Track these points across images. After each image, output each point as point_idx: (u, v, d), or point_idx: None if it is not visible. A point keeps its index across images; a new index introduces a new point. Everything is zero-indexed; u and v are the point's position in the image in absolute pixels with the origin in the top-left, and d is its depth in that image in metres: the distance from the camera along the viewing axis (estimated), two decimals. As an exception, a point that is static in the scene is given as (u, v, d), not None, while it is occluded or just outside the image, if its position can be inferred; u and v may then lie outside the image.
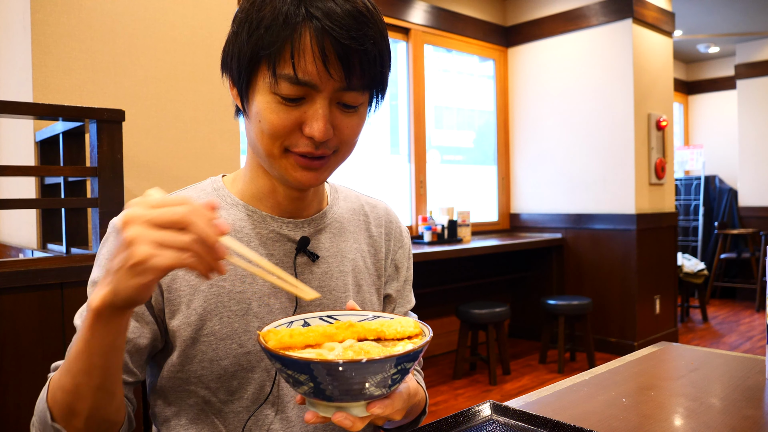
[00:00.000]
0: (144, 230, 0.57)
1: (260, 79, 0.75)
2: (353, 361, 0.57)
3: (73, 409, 0.68)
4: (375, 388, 0.60)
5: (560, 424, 0.81)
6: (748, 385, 1.05)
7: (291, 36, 0.71)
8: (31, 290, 1.52)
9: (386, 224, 1.01)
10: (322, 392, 0.60)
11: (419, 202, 4.40)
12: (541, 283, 4.76)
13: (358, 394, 0.60)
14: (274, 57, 0.72)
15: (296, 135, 0.76)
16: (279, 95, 0.74)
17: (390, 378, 0.61)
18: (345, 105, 0.77)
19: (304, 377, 0.59)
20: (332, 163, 0.81)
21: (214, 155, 2.44)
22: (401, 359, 0.59)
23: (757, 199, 6.52)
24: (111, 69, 2.19)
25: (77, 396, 0.67)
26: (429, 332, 0.67)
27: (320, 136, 0.74)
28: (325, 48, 0.71)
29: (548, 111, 4.80)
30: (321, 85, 0.73)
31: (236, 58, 0.77)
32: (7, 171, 1.61)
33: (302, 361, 0.58)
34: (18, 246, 2.31)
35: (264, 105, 0.76)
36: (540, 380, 3.85)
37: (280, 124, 0.75)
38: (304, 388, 0.61)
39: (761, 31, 6.25)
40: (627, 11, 4.28)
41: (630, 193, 4.31)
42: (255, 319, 0.83)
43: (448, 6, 4.54)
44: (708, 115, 7.57)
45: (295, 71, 0.72)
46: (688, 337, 4.97)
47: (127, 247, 0.58)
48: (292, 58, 0.72)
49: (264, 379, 0.83)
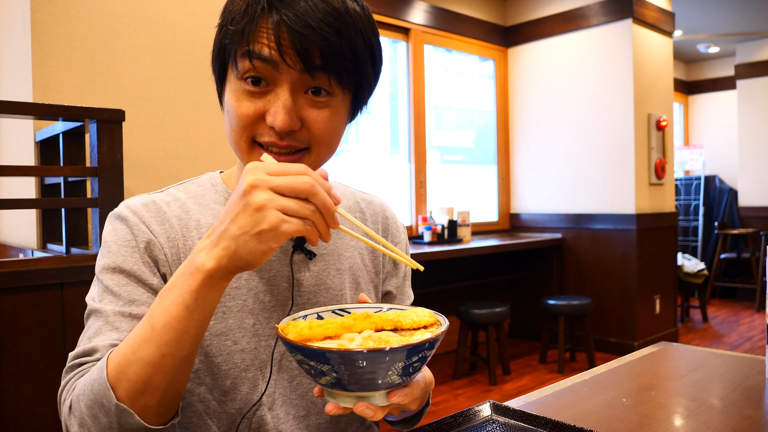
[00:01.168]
0: (272, 196, 0.59)
1: (230, 72, 0.77)
2: (377, 350, 0.58)
3: (151, 383, 0.64)
4: (397, 376, 0.62)
5: (560, 424, 0.81)
6: (748, 385, 1.05)
7: (252, 22, 0.73)
8: (31, 290, 1.52)
9: (383, 220, 1.01)
10: (344, 382, 0.61)
11: (419, 202, 4.40)
12: (541, 283, 4.76)
13: (379, 383, 0.61)
14: (238, 43, 0.74)
15: (261, 125, 0.76)
16: (243, 80, 0.75)
17: (411, 366, 0.62)
18: (314, 91, 0.75)
19: (327, 367, 0.60)
20: (306, 161, 0.79)
21: (214, 155, 2.44)
22: (421, 347, 0.61)
23: (757, 199, 6.52)
24: (111, 69, 2.19)
25: (160, 368, 0.64)
26: (445, 321, 0.68)
27: (282, 124, 0.73)
28: (280, 33, 0.72)
29: (548, 111, 4.80)
30: (280, 64, 0.73)
31: (215, 55, 0.80)
32: (7, 171, 1.61)
33: (326, 351, 0.59)
34: (18, 246, 2.31)
35: (231, 94, 0.77)
36: (540, 380, 3.85)
37: (244, 113, 0.76)
38: (326, 379, 0.61)
39: (761, 31, 6.25)
40: (627, 11, 4.28)
41: (630, 193, 4.31)
42: (250, 315, 0.83)
43: (448, 6, 4.54)
44: (708, 115, 7.57)
45: (249, 46, 0.73)
46: (688, 337, 4.97)
47: (256, 211, 0.59)
48: (250, 41, 0.73)
49: (257, 379, 0.83)
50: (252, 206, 0.59)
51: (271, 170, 0.61)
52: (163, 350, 0.63)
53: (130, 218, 0.81)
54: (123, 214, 0.82)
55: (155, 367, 0.63)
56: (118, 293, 0.76)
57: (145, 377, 0.63)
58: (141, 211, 0.82)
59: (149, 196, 0.86)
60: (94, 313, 0.76)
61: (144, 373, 0.63)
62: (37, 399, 1.54)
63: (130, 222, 0.81)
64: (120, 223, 0.82)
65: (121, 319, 0.74)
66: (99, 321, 0.75)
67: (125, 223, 0.81)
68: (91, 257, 1.67)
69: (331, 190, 0.63)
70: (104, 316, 0.75)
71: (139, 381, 0.64)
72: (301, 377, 0.86)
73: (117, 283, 0.77)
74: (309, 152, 0.79)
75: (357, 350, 0.58)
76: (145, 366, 0.63)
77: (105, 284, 0.77)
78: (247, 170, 0.61)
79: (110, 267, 0.79)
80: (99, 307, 0.76)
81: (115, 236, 0.81)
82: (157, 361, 0.63)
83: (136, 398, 0.64)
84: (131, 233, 0.80)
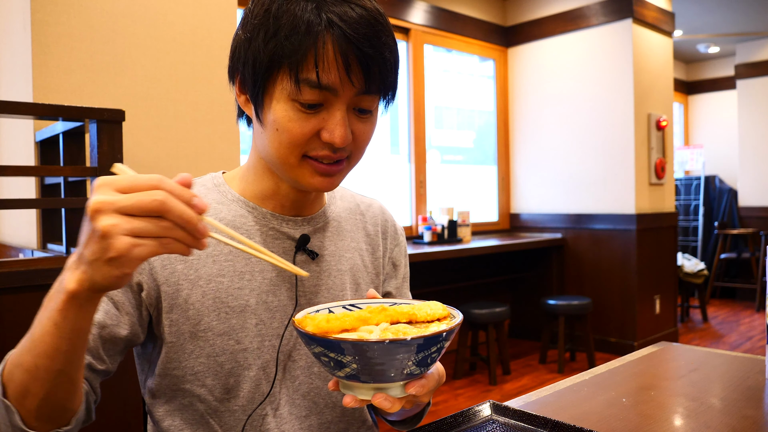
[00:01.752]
0: (118, 220, 0.53)
1: (278, 86, 0.75)
2: (397, 340, 0.59)
3: (29, 389, 0.64)
4: (415, 367, 0.62)
5: (560, 424, 0.81)
6: (748, 385, 1.05)
7: (315, 44, 0.72)
8: (31, 290, 1.52)
9: (382, 223, 1.02)
10: (364, 373, 0.61)
11: (419, 202, 4.40)
12: (541, 283, 4.76)
13: (399, 374, 0.62)
14: (297, 64, 0.73)
15: (314, 141, 0.77)
16: (299, 102, 0.74)
17: (429, 357, 0.63)
18: (361, 110, 0.78)
19: (348, 359, 0.60)
20: (346, 169, 0.83)
21: (214, 155, 2.44)
22: (438, 338, 0.61)
23: (757, 199, 6.52)
24: (111, 69, 2.19)
25: (35, 377, 0.63)
26: (458, 314, 0.69)
27: (340, 141, 0.75)
28: (348, 56, 0.73)
29: (548, 111, 4.80)
30: (341, 91, 0.74)
31: (250, 65, 0.76)
32: (7, 171, 1.61)
33: (348, 343, 0.59)
34: (18, 246, 2.31)
35: (282, 113, 0.76)
36: (540, 380, 3.85)
37: (300, 132, 0.76)
38: (346, 371, 0.62)
39: (761, 31, 6.25)
40: (627, 11, 4.28)
41: (630, 193, 4.31)
42: (253, 315, 0.83)
43: (448, 6, 4.54)
44: (708, 115, 7.57)
45: (318, 77, 0.72)
46: (688, 337, 4.97)
47: (101, 239, 0.53)
48: (316, 65, 0.72)
49: (260, 378, 0.83)
50: (97, 233, 0.54)
51: (119, 186, 0.54)
52: (37, 361, 0.63)
53: None
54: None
55: (31, 375, 0.64)
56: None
57: (24, 383, 0.64)
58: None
59: None
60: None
61: (23, 379, 0.64)
62: None
63: None
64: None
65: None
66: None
67: None
68: (91, 257, 1.67)
69: (193, 198, 0.56)
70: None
71: (20, 385, 0.65)
72: (304, 377, 0.86)
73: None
74: (348, 160, 0.81)
75: (378, 340, 0.59)
76: (24, 372, 0.64)
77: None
78: (94, 188, 0.55)
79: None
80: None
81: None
82: (32, 370, 0.63)
83: (19, 401, 0.65)
84: None
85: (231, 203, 0.87)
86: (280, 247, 0.87)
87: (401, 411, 0.94)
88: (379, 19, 0.76)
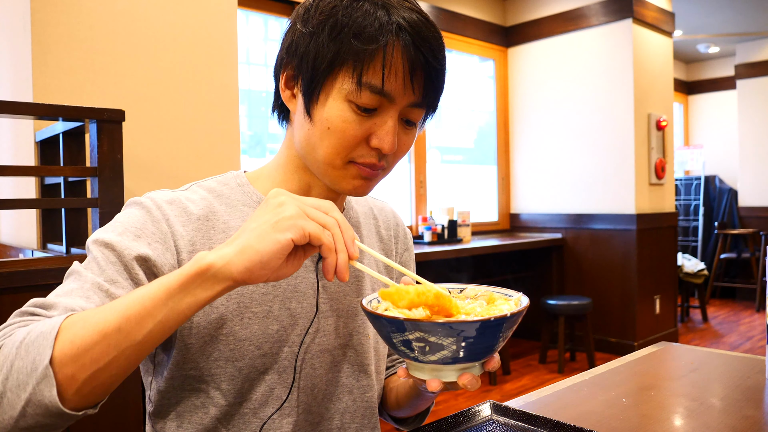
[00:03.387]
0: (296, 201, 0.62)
1: (336, 85, 0.75)
2: (502, 317, 0.60)
3: (91, 351, 0.58)
4: (502, 342, 0.64)
5: (560, 424, 0.81)
6: (748, 385, 1.05)
7: (384, 47, 0.72)
8: (31, 290, 1.52)
9: (394, 227, 1.02)
10: (462, 354, 0.62)
11: (419, 202, 4.40)
12: (541, 283, 4.76)
13: (489, 351, 0.64)
14: (362, 65, 0.72)
15: (362, 147, 0.77)
16: (356, 104, 0.74)
17: (509, 330, 0.64)
18: (408, 121, 0.79)
19: (450, 341, 0.60)
20: (380, 176, 0.83)
21: (214, 155, 2.44)
22: (521, 313, 0.63)
23: (757, 199, 6.52)
24: (111, 69, 2.19)
25: (106, 339, 0.58)
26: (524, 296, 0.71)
27: (389, 149, 0.76)
28: (415, 65, 0.73)
29: (548, 111, 4.80)
30: (398, 98, 0.75)
31: (311, 59, 0.75)
32: (7, 171, 1.61)
33: (456, 323, 0.59)
34: (18, 246, 2.31)
35: (337, 112, 0.75)
36: (540, 380, 3.85)
37: (352, 134, 0.75)
38: (442, 354, 0.61)
39: (761, 31, 6.25)
40: (627, 11, 4.28)
41: (630, 193, 4.31)
42: (275, 322, 0.81)
43: (448, 6, 4.54)
44: (708, 115, 7.57)
45: (383, 82, 0.73)
46: (688, 337, 4.97)
47: (276, 208, 0.61)
48: (384, 68, 0.72)
49: (275, 382, 0.82)
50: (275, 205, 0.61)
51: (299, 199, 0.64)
52: (120, 322, 0.58)
53: (153, 212, 0.78)
54: (146, 205, 0.78)
55: (103, 335, 0.58)
56: (103, 267, 0.72)
57: (88, 341, 0.58)
58: (165, 208, 0.79)
59: (175, 193, 0.82)
60: (74, 274, 0.72)
61: (89, 336, 0.58)
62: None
63: (152, 215, 0.77)
64: (139, 211, 0.78)
65: (96, 291, 0.70)
66: (74, 284, 0.70)
67: (146, 213, 0.78)
68: (91, 257, 1.67)
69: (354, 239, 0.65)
70: (81, 281, 0.70)
71: (81, 343, 0.58)
72: (321, 384, 0.85)
73: (105, 258, 0.73)
74: (384, 169, 0.82)
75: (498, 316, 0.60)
76: (93, 329, 0.58)
77: (94, 254, 0.73)
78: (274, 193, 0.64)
79: (105, 242, 0.73)
80: (81, 270, 0.72)
81: (127, 219, 0.77)
82: (108, 331, 0.58)
83: (68, 362, 0.57)
84: (146, 226, 0.76)
85: (256, 205, 0.85)
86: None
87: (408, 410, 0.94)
88: (438, 31, 0.77)
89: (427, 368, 0.65)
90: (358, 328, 0.90)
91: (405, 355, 0.64)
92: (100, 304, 0.68)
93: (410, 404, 0.92)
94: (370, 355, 0.91)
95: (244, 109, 3.54)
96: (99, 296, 0.69)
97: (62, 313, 0.65)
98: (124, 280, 0.72)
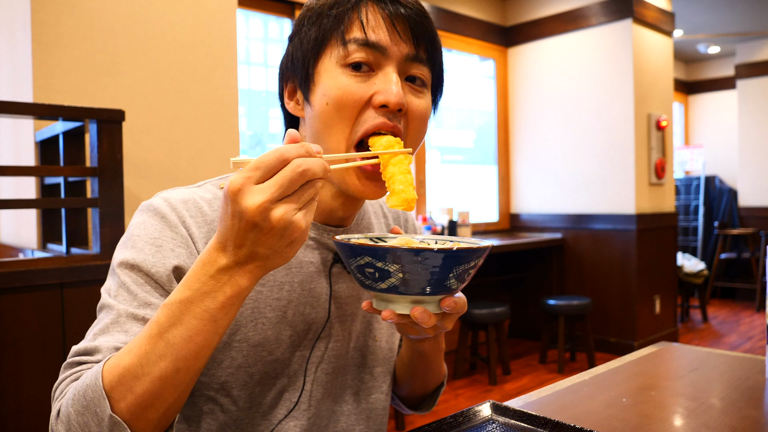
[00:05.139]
0: (285, 207, 0.56)
1: (326, 58, 0.76)
2: (447, 249, 0.62)
3: (161, 397, 0.60)
4: (455, 281, 0.65)
5: (560, 424, 0.81)
6: (748, 385, 1.05)
7: (358, 5, 0.75)
8: (31, 290, 1.52)
9: (404, 222, 1.02)
10: (407, 284, 0.63)
11: (419, 202, 4.40)
12: (541, 283, 4.76)
13: (439, 286, 0.64)
14: (342, 26, 0.74)
15: (367, 111, 0.75)
16: (348, 65, 0.74)
17: (467, 272, 0.65)
18: (412, 78, 0.78)
19: (395, 267, 0.62)
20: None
21: (214, 155, 2.44)
22: (482, 251, 0.65)
23: (757, 199, 6.52)
24: (111, 69, 2.19)
25: (173, 383, 0.60)
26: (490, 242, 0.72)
27: (395, 99, 0.73)
28: (394, 13, 0.75)
29: (548, 111, 4.80)
30: (390, 49, 0.75)
31: (299, 51, 0.77)
32: (7, 171, 1.61)
33: (401, 249, 0.61)
34: (18, 246, 2.31)
35: (332, 82, 0.74)
36: (540, 380, 3.85)
37: (351, 98, 0.74)
38: (390, 281, 0.63)
39: (761, 31, 6.25)
40: (627, 11, 4.28)
41: (630, 193, 4.31)
42: (288, 327, 0.81)
43: (448, 6, 4.54)
44: (708, 115, 7.57)
45: (365, 32, 0.74)
46: (688, 337, 4.97)
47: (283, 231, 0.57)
48: (361, 20, 0.74)
49: (285, 385, 0.81)
50: (273, 229, 0.56)
51: (256, 178, 0.56)
52: (178, 365, 0.60)
53: (169, 216, 0.75)
54: (161, 209, 0.76)
55: (167, 381, 0.60)
56: (134, 292, 0.71)
57: (155, 392, 0.60)
58: (180, 209, 0.77)
59: (188, 191, 0.80)
60: (106, 308, 0.71)
61: (154, 388, 0.60)
62: (37, 399, 1.54)
63: (168, 220, 0.75)
64: (154, 218, 0.76)
65: (132, 321, 0.69)
66: (108, 318, 0.70)
67: (161, 219, 0.75)
68: (91, 257, 1.67)
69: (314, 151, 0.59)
70: (115, 314, 0.70)
71: (148, 396, 0.60)
72: (331, 386, 0.85)
73: (134, 281, 0.72)
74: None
75: (429, 248, 0.61)
76: (155, 381, 0.59)
77: (122, 279, 0.72)
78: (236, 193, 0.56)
79: (129, 263, 0.72)
80: (112, 303, 0.71)
81: (144, 231, 0.75)
82: (170, 376, 0.60)
83: (141, 413, 0.60)
84: (164, 234, 0.74)
85: None
86: (318, 257, 0.84)
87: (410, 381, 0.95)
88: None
89: (381, 298, 0.68)
90: (367, 331, 0.90)
91: (362, 284, 0.68)
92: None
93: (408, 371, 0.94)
94: (378, 357, 0.92)
95: (243, 109, 3.54)
96: (136, 326, 0.69)
97: (105, 356, 0.66)
98: (157, 299, 0.71)
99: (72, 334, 1.59)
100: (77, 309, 1.60)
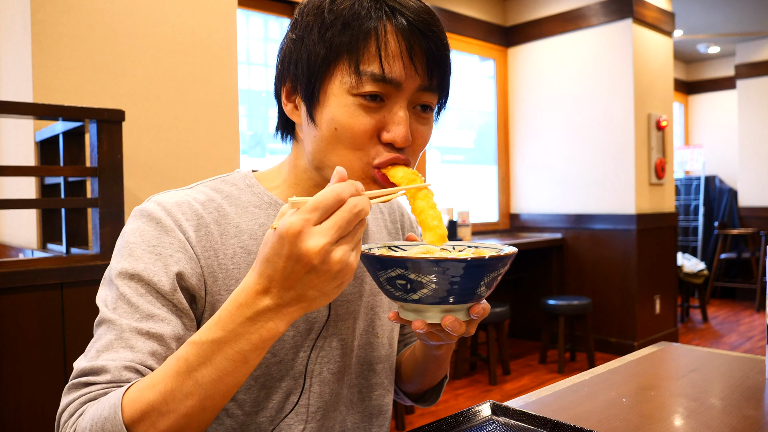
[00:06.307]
0: (343, 248, 0.57)
1: (335, 81, 0.71)
2: (480, 258, 0.61)
3: None
4: (485, 288, 0.65)
5: (560, 424, 0.81)
6: (748, 385, 1.05)
7: (375, 30, 0.69)
8: (31, 290, 1.52)
9: (400, 218, 1.02)
10: (440, 293, 0.63)
11: (419, 202, 4.40)
12: (541, 283, 4.76)
13: (471, 294, 0.64)
14: (357, 53, 0.69)
15: (376, 145, 0.73)
16: (360, 95, 0.70)
17: (495, 279, 0.65)
18: (422, 107, 0.75)
19: (429, 278, 0.61)
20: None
21: (214, 155, 2.44)
22: (507, 258, 0.64)
23: (757, 199, 6.52)
24: (111, 69, 2.19)
25: (198, 420, 0.60)
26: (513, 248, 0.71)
27: (403, 140, 0.72)
28: (412, 44, 0.70)
29: (548, 111, 4.80)
30: (405, 83, 0.71)
31: (304, 62, 0.72)
32: (7, 171, 1.61)
33: (434, 260, 0.60)
34: (18, 246, 2.31)
35: (342, 109, 0.71)
36: (540, 380, 3.85)
37: (361, 129, 0.71)
38: (422, 292, 0.63)
39: (761, 31, 6.25)
40: (627, 11, 4.28)
41: (630, 194, 4.31)
42: (291, 328, 0.80)
43: (448, 6, 4.54)
44: (708, 115, 7.57)
45: (382, 67, 0.69)
46: (688, 337, 4.97)
47: (339, 273, 0.57)
48: (379, 51, 0.69)
49: (290, 387, 0.81)
50: (333, 272, 0.57)
51: (312, 217, 0.56)
52: (206, 403, 0.60)
53: (164, 221, 0.73)
54: (155, 214, 0.74)
55: (192, 419, 0.60)
56: (136, 304, 0.69)
57: (179, 428, 0.60)
58: (176, 213, 0.74)
59: (181, 193, 0.78)
60: (106, 322, 0.68)
61: (179, 425, 0.60)
62: (37, 399, 1.54)
63: (164, 225, 0.73)
64: (149, 224, 0.73)
65: (137, 336, 0.67)
66: (111, 334, 0.67)
67: (157, 225, 0.73)
68: (91, 257, 1.67)
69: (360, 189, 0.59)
70: (118, 330, 0.67)
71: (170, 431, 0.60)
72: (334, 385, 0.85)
73: (135, 292, 0.69)
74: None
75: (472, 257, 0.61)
76: (180, 418, 0.59)
77: (121, 291, 0.69)
78: (293, 235, 0.55)
79: (129, 273, 0.70)
80: (113, 317, 0.68)
81: (140, 238, 0.72)
82: (196, 414, 0.60)
83: None
84: (161, 239, 0.72)
85: (268, 207, 0.82)
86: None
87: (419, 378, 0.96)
88: (435, 13, 0.74)
89: (411, 308, 0.68)
90: (369, 328, 0.90)
91: (391, 296, 0.67)
92: (145, 350, 0.67)
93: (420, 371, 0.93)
94: (380, 354, 0.91)
95: (243, 109, 3.54)
96: (141, 341, 0.67)
97: (115, 376, 0.65)
98: (160, 309, 0.69)
99: (72, 334, 1.59)
100: (77, 309, 1.60)
